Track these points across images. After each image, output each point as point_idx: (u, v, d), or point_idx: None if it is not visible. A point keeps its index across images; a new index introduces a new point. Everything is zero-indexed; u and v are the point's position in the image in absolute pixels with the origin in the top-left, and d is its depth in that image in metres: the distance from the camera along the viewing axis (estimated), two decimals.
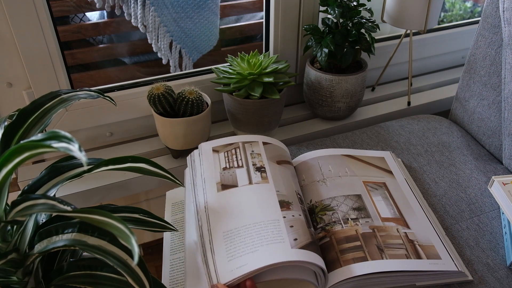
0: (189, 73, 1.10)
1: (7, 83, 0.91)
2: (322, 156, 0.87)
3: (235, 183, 0.72)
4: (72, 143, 0.37)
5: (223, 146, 0.80)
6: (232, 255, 0.61)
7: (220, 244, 0.63)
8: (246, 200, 0.69)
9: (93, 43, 1.39)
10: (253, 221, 0.65)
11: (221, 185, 0.73)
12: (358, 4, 1.01)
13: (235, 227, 0.65)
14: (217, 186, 0.73)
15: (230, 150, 0.79)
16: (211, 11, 1.17)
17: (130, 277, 0.49)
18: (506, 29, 0.88)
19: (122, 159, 0.57)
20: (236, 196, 0.70)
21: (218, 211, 0.68)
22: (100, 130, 1.03)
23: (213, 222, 0.67)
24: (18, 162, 0.40)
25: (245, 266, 0.59)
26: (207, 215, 0.68)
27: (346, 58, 1.01)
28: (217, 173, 0.75)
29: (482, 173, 0.91)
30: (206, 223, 0.67)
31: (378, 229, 0.71)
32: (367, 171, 0.84)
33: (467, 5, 1.65)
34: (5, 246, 0.52)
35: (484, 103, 0.99)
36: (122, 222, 0.42)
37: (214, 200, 0.70)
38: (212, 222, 0.67)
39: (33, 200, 0.46)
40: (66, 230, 0.53)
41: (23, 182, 0.93)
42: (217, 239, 0.64)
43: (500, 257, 0.75)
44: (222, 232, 0.65)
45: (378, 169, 0.86)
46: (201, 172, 0.76)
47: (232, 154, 0.78)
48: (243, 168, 0.75)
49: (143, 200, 1.18)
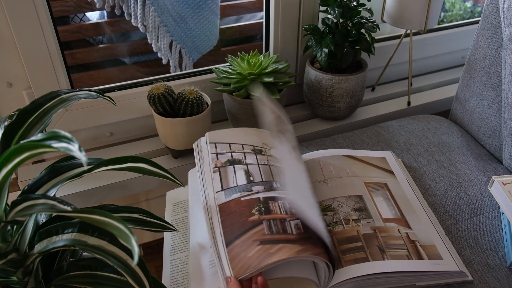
0: (189, 73, 1.10)
1: (7, 83, 0.91)
2: (323, 156, 0.87)
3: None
4: (72, 143, 0.37)
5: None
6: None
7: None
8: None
9: (93, 43, 1.39)
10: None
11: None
12: (358, 4, 1.01)
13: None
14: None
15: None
16: (211, 11, 1.17)
17: (130, 277, 0.49)
18: (506, 29, 0.88)
19: (122, 159, 0.57)
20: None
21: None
22: (100, 130, 1.03)
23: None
24: (18, 162, 0.40)
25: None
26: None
27: (346, 58, 1.01)
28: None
29: (482, 173, 0.91)
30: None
31: (379, 230, 0.71)
32: (368, 172, 0.84)
33: (467, 5, 1.65)
34: (5, 246, 0.52)
35: (484, 103, 0.99)
36: (122, 222, 0.42)
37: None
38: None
39: (33, 200, 0.46)
40: (66, 230, 0.54)
41: (23, 182, 0.93)
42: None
43: (500, 257, 0.75)
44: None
45: (379, 169, 0.86)
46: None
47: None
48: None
49: (143, 200, 1.18)
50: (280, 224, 0.63)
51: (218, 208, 0.66)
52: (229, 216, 0.65)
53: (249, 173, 0.72)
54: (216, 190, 0.69)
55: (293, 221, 0.64)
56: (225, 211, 0.66)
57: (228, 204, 0.67)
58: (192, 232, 0.70)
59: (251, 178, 0.71)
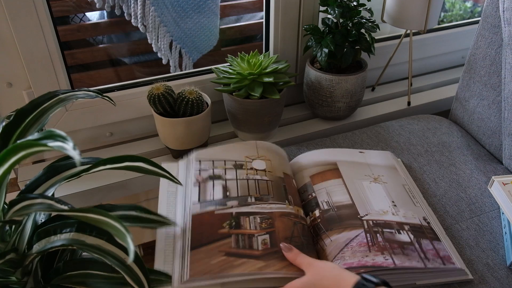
0: (189, 73, 1.10)
1: (7, 83, 0.91)
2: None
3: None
4: (66, 142, 0.37)
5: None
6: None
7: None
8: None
9: (93, 43, 1.40)
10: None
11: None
12: (358, 4, 1.01)
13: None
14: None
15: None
16: (211, 11, 1.17)
17: (128, 276, 0.49)
18: (506, 29, 0.88)
19: (120, 158, 0.57)
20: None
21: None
22: (100, 130, 1.03)
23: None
24: (14, 161, 0.40)
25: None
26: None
27: (346, 58, 1.01)
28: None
29: (482, 173, 0.91)
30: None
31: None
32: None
33: (467, 5, 1.64)
34: (3, 246, 0.52)
35: (484, 103, 0.99)
36: (118, 220, 0.42)
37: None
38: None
39: (30, 200, 0.46)
40: (65, 230, 0.54)
41: (23, 182, 0.93)
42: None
43: (500, 257, 0.74)
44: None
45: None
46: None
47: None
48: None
49: (143, 200, 1.18)
50: (248, 239, 0.66)
51: (191, 218, 0.69)
52: (200, 226, 0.68)
53: (226, 188, 0.74)
54: (193, 202, 0.72)
55: (261, 237, 0.67)
56: (197, 221, 0.69)
57: (202, 215, 0.70)
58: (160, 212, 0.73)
59: (228, 193, 0.74)
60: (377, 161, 0.89)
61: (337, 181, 0.81)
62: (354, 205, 0.75)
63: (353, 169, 0.85)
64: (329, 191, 0.79)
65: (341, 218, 0.73)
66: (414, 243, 0.69)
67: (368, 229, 0.70)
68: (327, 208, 0.75)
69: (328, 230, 0.71)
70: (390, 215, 0.74)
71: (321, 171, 0.84)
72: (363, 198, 0.77)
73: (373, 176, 0.83)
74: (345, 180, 0.81)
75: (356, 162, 0.87)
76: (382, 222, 0.72)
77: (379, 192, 0.79)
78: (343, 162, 0.86)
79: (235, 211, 0.70)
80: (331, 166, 0.85)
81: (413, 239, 0.70)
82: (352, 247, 0.67)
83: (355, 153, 0.91)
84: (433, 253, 0.68)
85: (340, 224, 0.72)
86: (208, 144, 1.03)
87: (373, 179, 0.83)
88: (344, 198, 0.77)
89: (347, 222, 0.72)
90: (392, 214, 0.74)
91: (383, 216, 0.73)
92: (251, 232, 0.67)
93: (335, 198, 0.77)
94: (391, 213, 0.74)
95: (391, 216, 0.74)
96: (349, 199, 0.77)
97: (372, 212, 0.74)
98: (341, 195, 0.78)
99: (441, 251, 0.69)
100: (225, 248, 0.64)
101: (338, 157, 0.88)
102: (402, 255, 0.66)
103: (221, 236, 0.66)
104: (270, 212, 0.71)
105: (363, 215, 0.73)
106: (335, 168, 0.85)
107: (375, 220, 0.72)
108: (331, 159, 0.87)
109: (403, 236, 0.70)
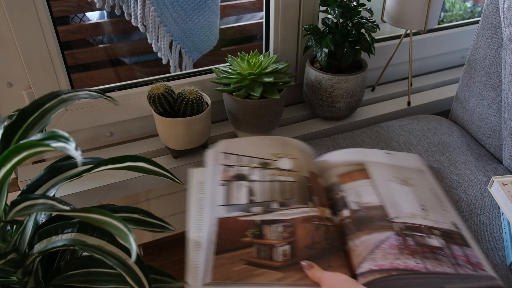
0: (189, 73, 1.10)
1: (7, 83, 0.91)
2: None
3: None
4: (69, 143, 0.37)
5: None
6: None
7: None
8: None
9: (93, 43, 1.39)
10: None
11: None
12: (358, 4, 1.01)
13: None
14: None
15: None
16: (211, 11, 1.17)
17: (129, 277, 0.49)
18: (506, 29, 0.88)
19: (122, 158, 0.57)
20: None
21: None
22: (100, 130, 1.03)
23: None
24: (16, 161, 0.40)
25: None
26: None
27: (346, 58, 1.01)
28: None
29: (482, 173, 0.91)
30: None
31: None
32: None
33: (467, 5, 1.64)
34: (4, 246, 0.52)
35: (484, 103, 0.99)
36: (121, 221, 0.42)
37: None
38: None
39: (32, 200, 0.46)
40: (66, 230, 0.54)
41: (23, 182, 0.93)
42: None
43: (500, 257, 0.74)
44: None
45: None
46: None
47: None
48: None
49: (143, 200, 1.18)
50: (269, 250, 0.66)
51: (218, 221, 0.70)
52: (224, 230, 0.68)
53: (251, 192, 0.75)
54: (218, 204, 0.72)
55: (282, 247, 0.67)
56: (222, 225, 0.69)
57: (226, 219, 0.70)
58: (192, 228, 0.72)
59: (252, 197, 0.74)
60: (405, 163, 0.88)
61: (365, 182, 0.80)
62: (383, 206, 0.74)
63: (381, 170, 0.83)
64: (357, 192, 0.78)
65: (371, 220, 0.72)
66: (444, 248, 0.68)
67: (399, 231, 0.69)
68: (357, 209, 0.74)
69: (357, 231, 0.70)
70: (420, 219, 0.72)
71: (349, 171, 0.83)
72: (392, 200, 0.76)
73: (401, 178, 0.82)
74: (374, 181, 0.80)
75: (384, 163, 0.86)
76: (413, 225, 0.71)
77: (408, 194, 0.78)
78: (371, 162, 0.85)
79: (259, 219, 0.70)
80: (358, 166, 0.84)
81: (444, 244, 0.68)
82: (383, 249, 0.66)
83: (382, 154, 0.90)
84: (464, 260, 0.67)
85: (369, 226, 0.70)
86: (208, 144, 1.03)
87: (401, 181, 0.81)
88: (373, 199, 0.76)
89: (377, 224, 0.71)
90: (422, 218, 0.73)
91: (413, 220, 0.72)
92: (273, 243, 0.67)
93: (364, 199, 0.76)
94: (421, 216, 0.73)
95: (421, 220, 0.72)
96: (379, 201, 0.75)
97: (402, 214, 0.73)
98: (370, 196, 0.77)
99: (472, 258, 0.68)
100: (247, 257, 0.65)
101: (366, 158, 0.87)
102: (433, 259, 0.65)
103: (243, 244, 0.66)
104: (292, 219, 0.71)
105: (393, 217, 0.72)
106: (362, 168, 0.84)
107: (405, 223, 0.71)
108: (359, 159, 0.86)
109: (434, 241, 0.69)
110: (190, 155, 1.01)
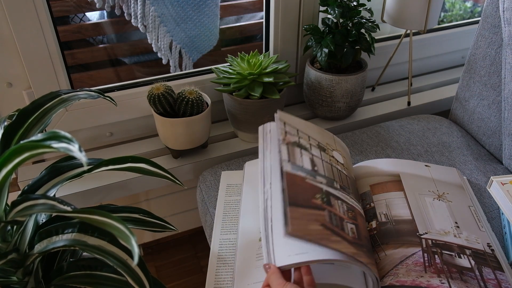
0: (189, 73, 1.10)
1: (7, 83, 0.91)
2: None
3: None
4: (72, 143, 0.37)
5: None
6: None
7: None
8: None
9: (93, 43, 1.39)
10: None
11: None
12: (358, 4, 1.01)
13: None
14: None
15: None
16: (211, 11, 1.17)
17: (130, 277, 0.49)
18: (506, 29, 0.88)
19: (122, 159, 0.57)
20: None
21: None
22: (100, 130, 1.03)
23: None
24: (18, 162, 0.40)
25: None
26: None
27: (346, 58, 1.01)
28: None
29: (482, 173, 0.91)
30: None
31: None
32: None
33: (467, 5, 1.64)
34: (5, 246, 0.52)
35: (484, 103, 0.99)
36: (122, 223, 0.42)
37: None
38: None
39: (33, 200, 0.46)
40: (66, 230, 0.54)
41: (23, 182, 0.93)
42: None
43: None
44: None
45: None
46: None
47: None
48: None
49: (143, 200, 1.18)
50: (340, 221, 0.61)
51: (285, 174, 0.62)
52: (293, 186, 0.61)
53: (314, 163, 0.69)
54: (284, 160, 0.64)
55: (350, 224, 0.62)
56: (291, 180, 0.61)
57: (294, 176, 0.62)
58: (242, 219, 0.71)
59: (316, 168, 0.68)
60: (443, 177, 0.84)
61: (398, 194, 0.77)
62: (414, 221, 0.71)
63: (416, 183, 0.80)
64: (388, 203, 0.75)
65: (399, 233, 0.69)
66: (474, 269, 0.64)
67: (426, 248, 0.66)
68: (385, 221, 0.72)
69: (383, 243, 0.68)
70: (452, 237, 0.69)
71: (382, 181, 0.81)
72: (424, 214, 0.73)
73: (437, 193, 0.79)
74: (407, 194, 0.77)
75: (420, 176, 0.83)
76: (442, 243, 0.68)
77: (442, 210, 0.75)
78: (407, 174, 0.82)
79: (325, 189, 0.65)
80: (393, 177, 0.81)
81: (474, 265, 0.65)
82: (408, 265, 0.64)
83: (420, 166, 0.86)
84: (494, 284, 0.63)
85: (397, 240, 0.68)
86: (208, 144, 1.03)
87: (437, 196, 0.78)
88: (404, 212, 0.73)
89: (404, 238, 0.68)
90: (454, 236, 0.70)
91: (444, 237, 0.69)
92: (342, 216, 0.62)
93: (394, 212, 0.73)
94: (453, 234, 0.70)
95: (453, 237, 0.69)
96: (409, 214, 0.73)
97: (432, 230, 0.70)
98: (401, 209, 0.74)
99: (503, 283, 0.64)
100: (321, 220, 0.59)
101: (402, 169, 0.84)
102: (460, 280, 0.62)
103: (315, 205, 0.60)
104: (352, 206, 0.67)
105: (422, 233, 0.69)
106: (397, 180, 0.81)
107: (434, 239, 0.68)
108: (394, 170, 0.83)
109: (463, 261, 0.66)
110: (190, 155, 1.01)
